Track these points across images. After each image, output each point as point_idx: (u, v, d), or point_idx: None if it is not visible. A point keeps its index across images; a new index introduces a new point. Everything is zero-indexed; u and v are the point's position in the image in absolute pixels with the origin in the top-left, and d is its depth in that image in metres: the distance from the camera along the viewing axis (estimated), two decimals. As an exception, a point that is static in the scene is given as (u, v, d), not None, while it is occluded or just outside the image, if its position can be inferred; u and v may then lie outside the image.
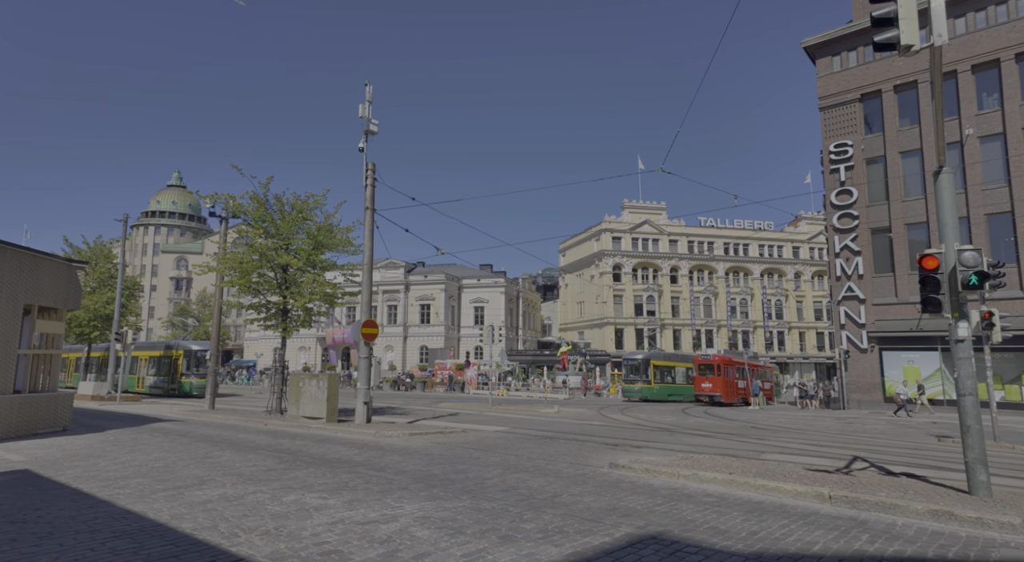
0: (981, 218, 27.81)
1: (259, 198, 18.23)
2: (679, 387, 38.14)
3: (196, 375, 31.42)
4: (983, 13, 29.12)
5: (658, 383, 36.95)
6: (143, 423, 15.76)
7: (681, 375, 38.90)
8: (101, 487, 7.00)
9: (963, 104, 28.90)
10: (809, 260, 74.32)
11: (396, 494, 6.93)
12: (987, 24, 28.90)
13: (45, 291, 13.11)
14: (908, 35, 5.49)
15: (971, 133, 28.54)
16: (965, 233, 28.12)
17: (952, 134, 28.93)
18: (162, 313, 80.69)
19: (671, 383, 38.03)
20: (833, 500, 6.66)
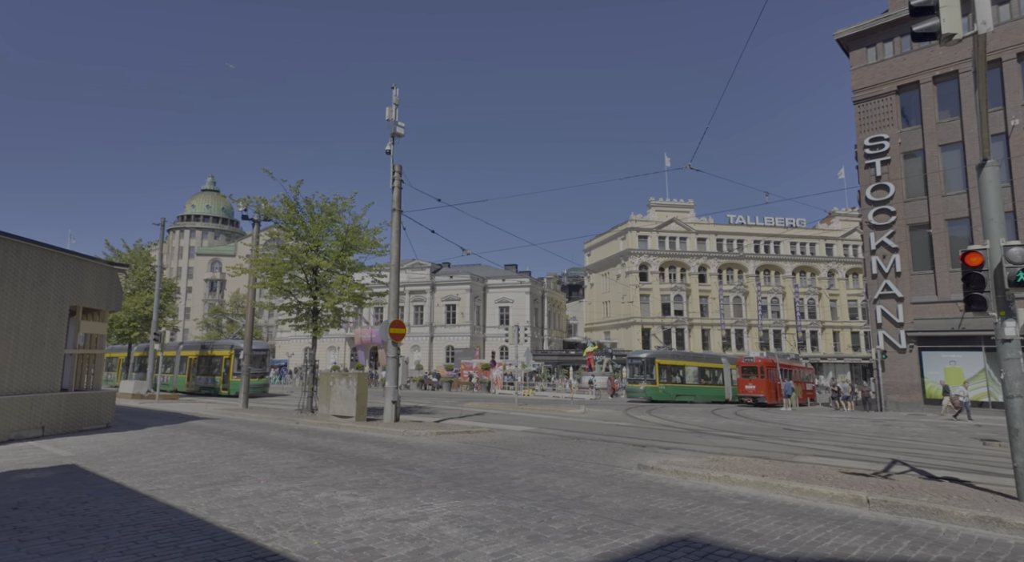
0: (1029, 212, 26.58)
1: (289, 201, 18.63)
2: (689, 387, 36.93)
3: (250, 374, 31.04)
4: (1029, -2, 27.89)
5: (664, 383, 35.73)
6: (180, 421, 16.26)
7: (692, 375, 37.56)
8: (143, 482, 7.25)
9: (1008, 93, 27.70)
10: (843, 257, 72.27)
11: (425, 492, 6.99)
12: (1033, 10, 27.66)
13: (89, 293, 13.64)
14: (949, 23, 5.29)
15: (1017, 124, 27.33)
16: (1011, 228, 26.95)
17: (997, 125, 27.76)
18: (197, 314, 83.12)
19: (679, 383, 36.63)
20: (871, 504, 6.47)
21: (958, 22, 5.32)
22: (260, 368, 32.12)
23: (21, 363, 11.52)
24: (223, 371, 31.27)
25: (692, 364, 38.38)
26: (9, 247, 11.34)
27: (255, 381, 30.50)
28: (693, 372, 37.85)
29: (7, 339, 11.14)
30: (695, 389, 37.19)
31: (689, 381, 37.47)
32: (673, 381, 36.62)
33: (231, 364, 30.95)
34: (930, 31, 5.48)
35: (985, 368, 26.64)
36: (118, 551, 4.47)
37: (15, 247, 11.49)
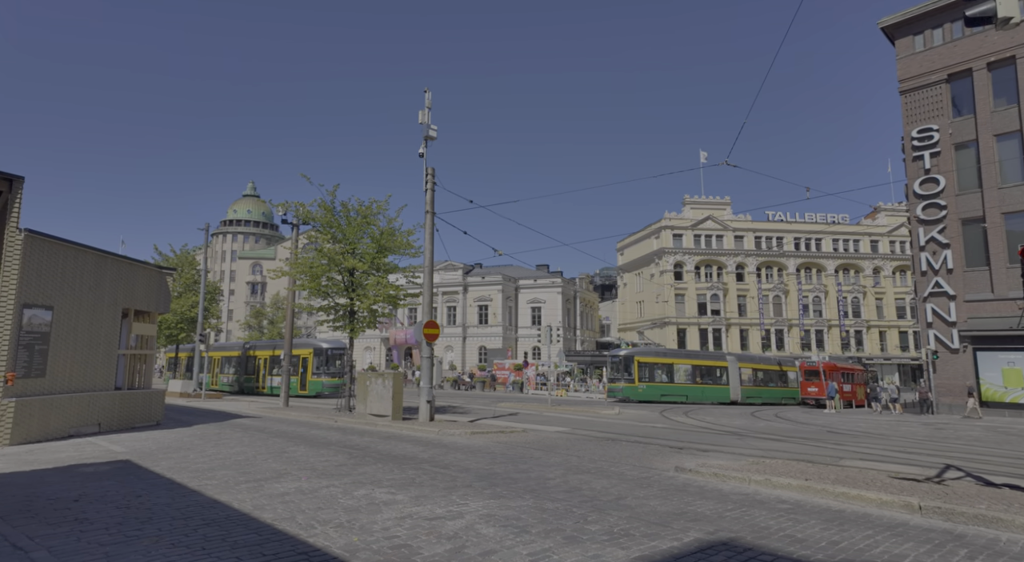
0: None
1: (326, 205, 19.07)
2: (679, 387, 35.04)
3: (327, 374, 30.15)
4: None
5: (645, 382, 34.09)
6: (224, 419, 16.84)
7: (683, 374, 35.59)
8: (191, 478, 7.54)
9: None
10: (890, 254, 69.40)
11: (461, 491, 7.05)
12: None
13: (140, 296, 14.28)
14: (1006, 6, 5.01)
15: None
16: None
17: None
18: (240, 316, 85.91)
19: (666, 382, 34.76)
20: (924, 511, 6.19)
21: (1015, 5, 5.04)
22: (337, 368, 30.98)
23: (79, 363, 12.14)
24: (300, 370, 30.59)
25: (682, 362, 36.28)
26: (68, 253, 11.97)
27: (332, 380, 30.01)
28: (684, 370, 35.81)
29: (67, 340, 11.76)
30: (686, 388, 35.10)
31: (679, 380, 35.43)
32: (658, 380, 34.71)
33: (309, 363, 30.29)
34: (985, 15, 5.20)
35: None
36: (170, 543, 4.67)
37: (73, 253, 12.12)
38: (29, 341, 10.91)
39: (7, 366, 10.49)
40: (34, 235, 11.06)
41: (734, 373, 37.23)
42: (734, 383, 36.89)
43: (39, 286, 11.16)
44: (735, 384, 36.89)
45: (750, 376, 38.09)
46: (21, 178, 11.00)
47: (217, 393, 29.69)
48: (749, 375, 38.18)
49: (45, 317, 11.22)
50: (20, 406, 10.55)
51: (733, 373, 37.18)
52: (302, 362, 30.68)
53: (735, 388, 36.79)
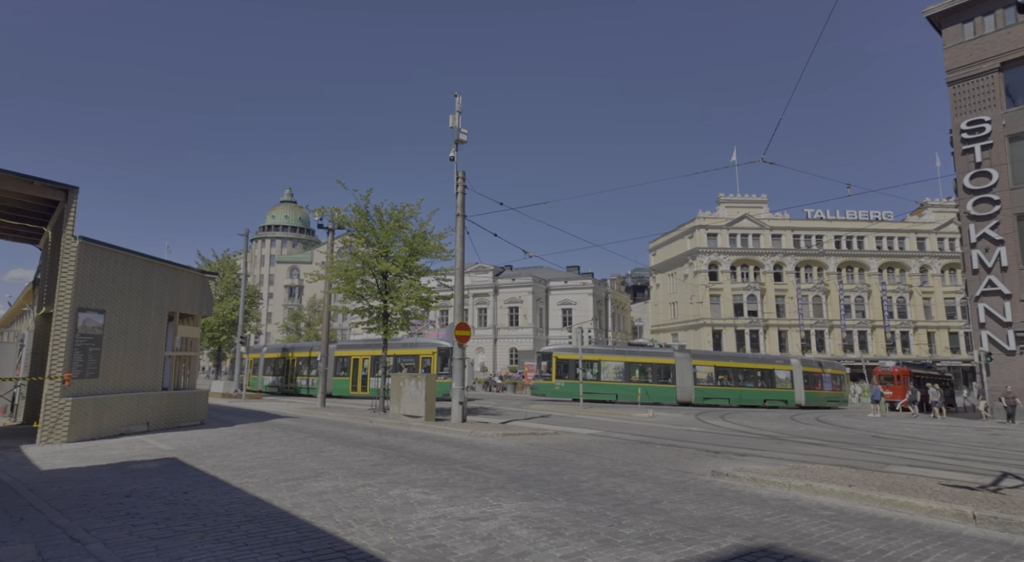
0: None
1: (360, 209, 19.46)
2: (604, 385, 33.22)
3: (446, 375, 29.02)
4: None
5: (563, 379, 32.86)
6: (264, 419, 17.33)
7: (615, 372, 33.75)
8: (233, 475, 7.79)
9: None
10: (938, 252, 66.49)
11: (494, 492, 7.08)
12: None
13: (184, 300, 14.85)
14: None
15: None
16: None
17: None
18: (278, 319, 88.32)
19: (591, 380, 32.83)
20: (978, 520, 5.90)
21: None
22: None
23: (129, 364, 12.69)
24: (422, 371, 29.49)
25: (613, 359, 34.16)
26: (118, 259, 12.54)
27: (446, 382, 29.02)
28: (615, 368, 33.97)
29: (117, 342, 12.32)
30: (617, 387, 33.36)
31: (607, 378, 33.78)
32: (583, 378, 32.28)
33: (433, 364, 29.30)
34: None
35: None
36: (215, 539, 4.84)
37: (122, 259, 12.69)
38: (83, 343, 11.47)
39: (64, 367, 11.06)
40: (88, 242, 11.63)
41: (684, 371, 34.32)
42: (684, 382, 34.02)
43: (92, 291, 11.72)
44: (685, 383, 34.02)
45: (710, 375, 34.86)
46: (76, 188, 11.60)
47: (257, 394, 30.57)
48: (708, 374, 34.89)
49: (98, 320, 11.78)
50: (76, 405, 11.10)
51: (683, 371, 34.30)
52: (422, 363, 29.55)
53: (685, 388, 33.96)
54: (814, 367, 38.80)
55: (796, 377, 36.43)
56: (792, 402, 36.04)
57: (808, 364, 38.88)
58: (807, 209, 66.31)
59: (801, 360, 38.88)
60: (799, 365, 37.42)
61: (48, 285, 13.44)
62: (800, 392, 36.33)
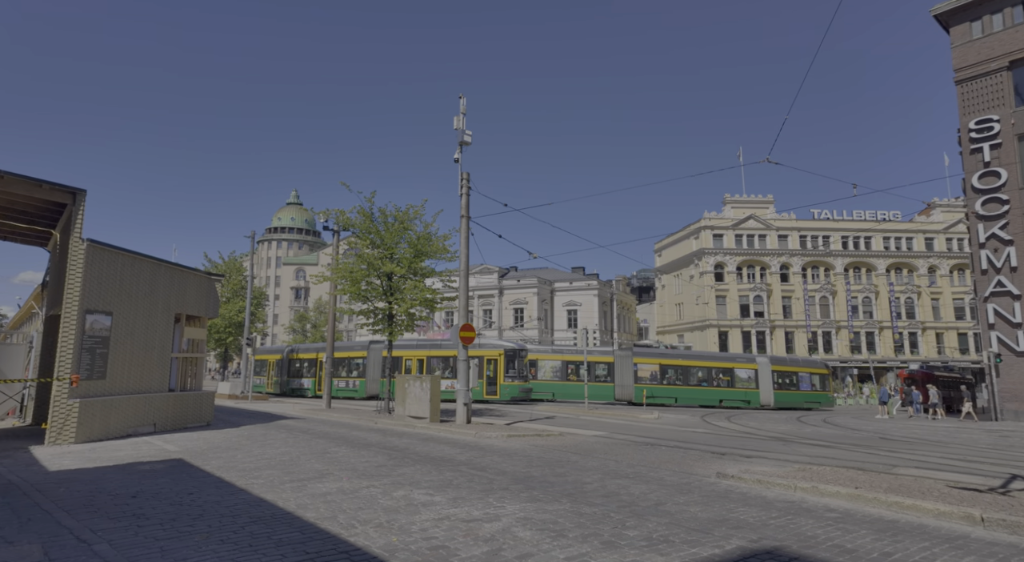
0: None
1: (365, 211, 19.52)
2: (545, 384, 33.22)
3: (518, 378, 29.06)
4: None
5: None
6: (270, 420, 17.40)
7: (551, 371, 33.28)
8: (239, 476, 7.83)
9: None
10: (946, 252, 65.96)
11: (497, 494, 7.07)
12: None
13: (191, 301, 14.94)
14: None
15: None
16: None
17: None
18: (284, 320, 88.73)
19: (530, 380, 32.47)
20: (986, 523, 5.85)
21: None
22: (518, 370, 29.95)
23: (136, 366, 12.78)
24: (488, 374, 29.34)
25: (552, 358, 33.61)
26: (125, 261, 12.64)
27: (523, 384, 29.13)
28: (552, 367, 33.58)
29: (124, 344, 12.41)
30: (552, 386, 33.49)
31: (543, 377, 33.80)
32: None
33: (500, 366, 28.93)
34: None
35: None
36: (219, 539, 4.86)
37: (130, 261, 12.79)
38: (91, 345, 11.56)
39: (72, 368, 11.15)
40: (95, 245, 11.72)
41: (624, 369, 33.51)
42: (623, 380, 33.41)
43: (100, 293, 11.82)
44: (625, 381, 33.38)
45: (653, 373, 33.64)
46: (84, 191, 11.70)
47: (262, 395, 30.70)
48: (652, 372, 33.71)
49: (105, 322, 11.87)
50: (84, 406, 11.18)
51: (623, 369, 33.57)
52: (489, 364, 29.01)
53: (624, 386, 33.36)
54: (787, 366, 37.09)
55: (763, 376, 34.80)
56: (756, 402, 34.19)
57: (780, 362, 37.25)
58: (813, 209, 65.98)
59: (771, 359, 37.24)
60: (767, 364, 35.82)
61: (56, 287, 13.55)
62: (768, 392, 34.72)
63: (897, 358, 63.61)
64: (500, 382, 29.02)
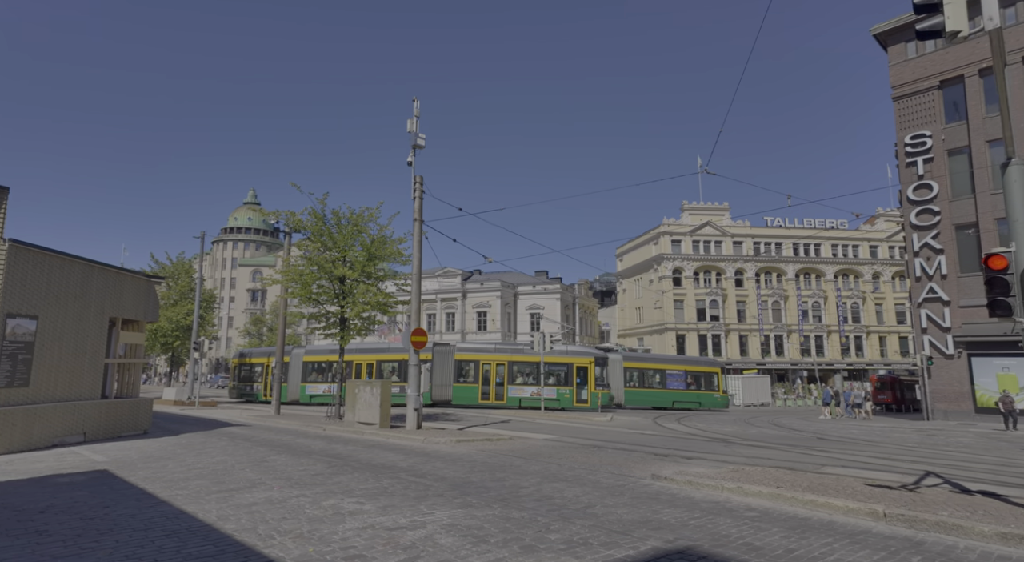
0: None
1: (317, 213, 19.18)
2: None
3: (603, 386, 28.51)
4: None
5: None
6: (214, 427, 16.86)
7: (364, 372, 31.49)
8: (164, 488, 7.57)
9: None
10: (889, 260, 69.36)
11: (430, 500, 7.06)
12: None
13: (128, 305, 14.35)
14: (954, 20, 5.08)
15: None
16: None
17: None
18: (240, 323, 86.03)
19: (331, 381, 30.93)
20: (888, 518, 6.19)
21: (964, 19, 5.10)
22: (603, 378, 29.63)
23: (64, 372, 12.19)
24: (578, 381, 28.59)
25: (375, 358, 31.27)
26: (53, 263, 12.05)
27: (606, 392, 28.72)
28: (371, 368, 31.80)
29: (51, 350, 11.82)
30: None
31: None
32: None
33: (590, 374, 28.51)
34: (934, 29, 5.27)
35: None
36: (123, 556, 4.69)
37: (59, 262, 12.20)
38: (12, 351, 10.97)
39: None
40: (18, 245, 11.15)
41: (442, 366, 30.93)
42: (441, 379, 30.99)
43: (23, 296, 11.23)
44: (445, 381, 30.91)
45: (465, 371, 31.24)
46: (6, 189, 11.12)
47: (211, 401, 29.69)
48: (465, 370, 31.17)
49: (29, 327, 11.29)
50: (3, 416, 10.59)
51: (441, 367, 31.00)
52: (577, 372, 28.65)
53: (443, 385, 30.93)
54: (652, 363, 35.15)
55: (613, 374, 32.75)
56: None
57: (642, 360, 36.18)
58: (767, 217, 68.43)
59: (625, 355, 35.41)
60: (619, 360, 33.69)
61: (-22, 289, 12.80)
62: (618, 390, 33.04)
63: (844, 361, 66.46)
64: (591, 390, 28.38)
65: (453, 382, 30.67)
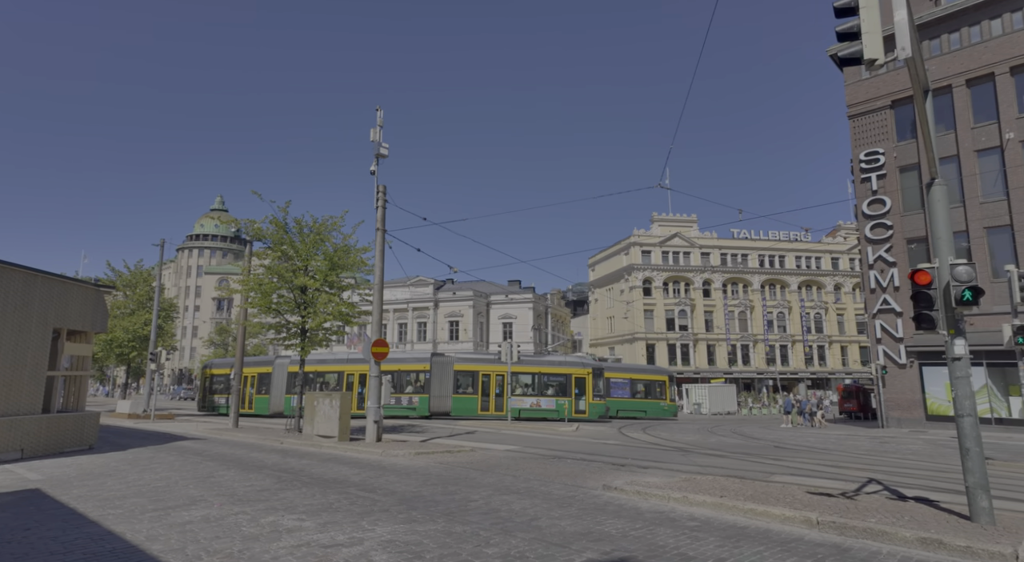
0: (1025, 225, 26.37)
1: (279, 222, 18.90)
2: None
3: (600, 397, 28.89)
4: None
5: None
6: (166, 441, 16.33)
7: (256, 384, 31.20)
8: (96, 507, 7.29)
9: (1002, 107, 27.66)
10: (849, 271, 71.68)
11: (374, 516, 6.97)
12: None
13: (74, 315, 13.85)
14: (872, 49, 5.35)
15: (1012, 137, 27.24)
16: (1008, 243, 26.72)
17: (992, 139, 27.76)
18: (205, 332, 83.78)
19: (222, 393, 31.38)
20: (821, 526, 6.36)
21: (879, 48, 5.37)
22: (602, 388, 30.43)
23: (1, 386, 11.67)
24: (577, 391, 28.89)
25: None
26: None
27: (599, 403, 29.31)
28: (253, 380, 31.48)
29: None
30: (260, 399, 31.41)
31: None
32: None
33: (588, 384, 29.00)
34: (854, 56, 5.53)
35: (987, 384, 26.15)
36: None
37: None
38: (-57, 364, 10.46)
39: (-83, 390, 10.03)
40: (-47, 253, 10.67)
41: (439, 380, 30.49)
42: (278, 390, 30.86)
43: (-43, 306, 10.74)
44: (280, 391, 30.81)
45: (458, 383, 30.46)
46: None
47: (168, 413, 28.75)
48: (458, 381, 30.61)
49: (-37, 338, 10.79)
50: (-70, 432, 10.07)
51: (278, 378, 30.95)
52: (576, 382, 29.09)
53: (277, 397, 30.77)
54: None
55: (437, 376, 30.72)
56: (426, 411, 30.00)
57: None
58: (733, 229, 70.17)
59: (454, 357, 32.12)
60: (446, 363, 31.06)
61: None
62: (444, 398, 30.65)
63: (807, 370, 68.20)
64: (590, 401, 28.62)
65: (452, 393, 30.27)
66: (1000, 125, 27.65)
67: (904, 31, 5.21)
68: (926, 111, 6.25)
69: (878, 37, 5.31)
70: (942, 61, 29.71)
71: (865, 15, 5.34)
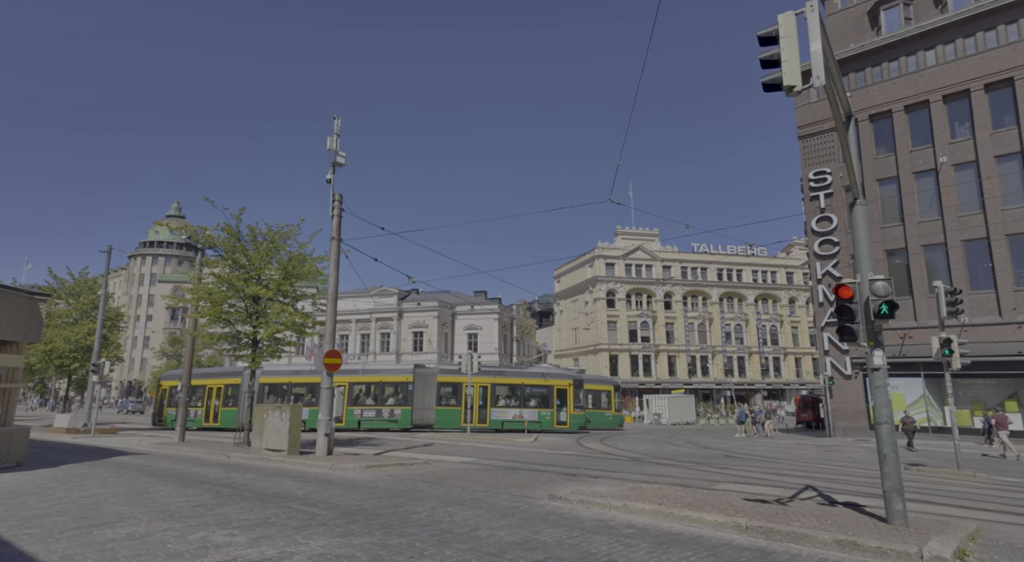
0: (958, 244, 27.98)
1: (232, 229, 18.46)
2: None
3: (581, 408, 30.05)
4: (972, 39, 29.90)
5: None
6: (104, 456, 15.60)
7: None
8: (12, 526, 6.92)
9: (936, 133, 29.39)
10: (803, 285, 74.34)
11: (310, 530, 6.84)
12: (955, 56, 29.63)
13: (4, 325, 13.17)
14: (790, 76, 5.67)
15: (945, 161, 28.96)
16: (943, 260, 28.29)
17: (928, 162, 29.46)
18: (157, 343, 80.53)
19: None
20: (749, 531, 6.57)
21: (797, 75, 5.71)
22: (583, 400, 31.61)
23: (-82, 399, 10.98)
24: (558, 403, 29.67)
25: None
26: (-89, 277, 10.92)
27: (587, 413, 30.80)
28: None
29: (-98, 373, 10.63)
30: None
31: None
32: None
33: (569, 396, 29.96)
34: (775, 82, 5.86)
35: (924, 394, 27.47)
36: (-73, 602, 4.26)
37: (-82, 277, 11.07)
38: None
39: None
40: None
41: (422, 392, 29.94)
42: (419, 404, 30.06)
43: None
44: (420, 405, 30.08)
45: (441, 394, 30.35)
46: None
47: (111, 428, 27.42)
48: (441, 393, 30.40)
49: None
50: None
51: (420, 392, 29.98)
52: (558, 394, 29.87)
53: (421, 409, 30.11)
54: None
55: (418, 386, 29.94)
56: (408, 423, 29.23)
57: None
58: (693, 242, 72.05)
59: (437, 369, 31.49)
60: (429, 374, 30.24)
61: None
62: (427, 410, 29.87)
63: (764, 381, 70.19)
64: (571, 412, 29.11)
65: (435, 405, 29.90)
66: (935, 149, 29.37)
67: (819, 61, 5.56)
68: (847, 136, 6.65)
69: (796, 65, 5.64)
70: (883, 87, 31.44)
71: (785, 44, 5.67)
